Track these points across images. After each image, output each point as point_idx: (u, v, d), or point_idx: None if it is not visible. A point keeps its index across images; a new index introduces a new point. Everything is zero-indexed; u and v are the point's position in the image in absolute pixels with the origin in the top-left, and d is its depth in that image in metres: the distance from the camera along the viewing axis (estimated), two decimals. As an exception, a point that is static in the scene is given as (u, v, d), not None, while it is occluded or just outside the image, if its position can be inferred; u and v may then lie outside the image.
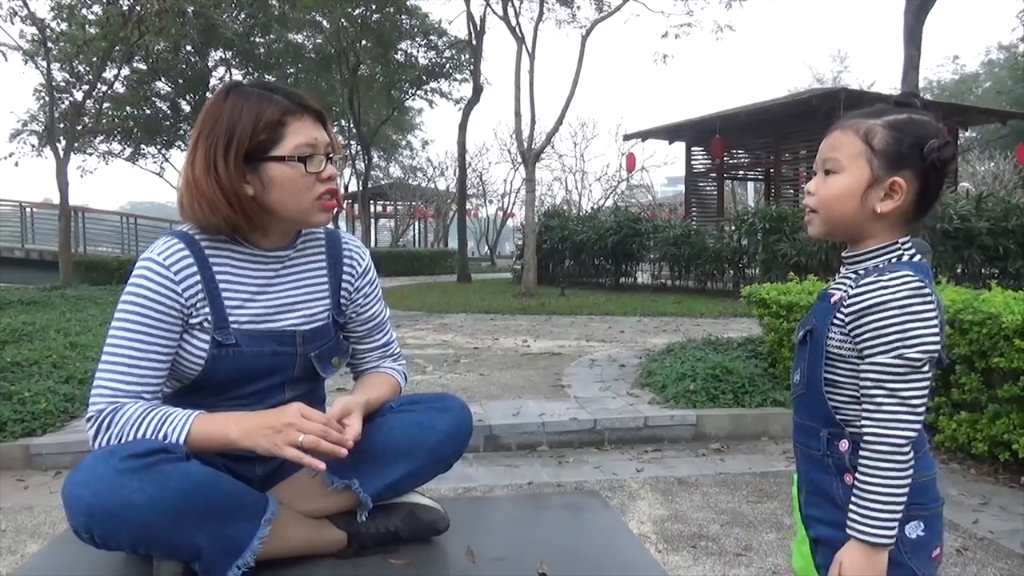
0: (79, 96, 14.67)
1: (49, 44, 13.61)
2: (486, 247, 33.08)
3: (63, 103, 14.97)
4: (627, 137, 16.96)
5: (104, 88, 15.46)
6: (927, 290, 1.05)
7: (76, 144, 15.80)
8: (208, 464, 1.21)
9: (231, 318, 1.29)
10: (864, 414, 1.06)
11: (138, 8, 12.80)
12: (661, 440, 4.08)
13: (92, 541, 1.14)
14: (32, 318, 7.12)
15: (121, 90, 17.69)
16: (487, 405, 4.41)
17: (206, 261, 1.29)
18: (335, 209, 1.38)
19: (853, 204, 1.10)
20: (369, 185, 24.78)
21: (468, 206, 22.84)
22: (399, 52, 20.28)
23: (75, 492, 1.11)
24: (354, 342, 1.52)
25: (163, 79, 18.91)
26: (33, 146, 18.19)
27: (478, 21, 15.77)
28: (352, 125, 22.24)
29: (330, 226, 1.45)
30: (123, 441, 1.20)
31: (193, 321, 1.27)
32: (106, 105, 17.07)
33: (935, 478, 1.13)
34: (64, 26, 14.14)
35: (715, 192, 15.83)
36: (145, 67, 17.03)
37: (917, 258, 1.10)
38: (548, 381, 5.19)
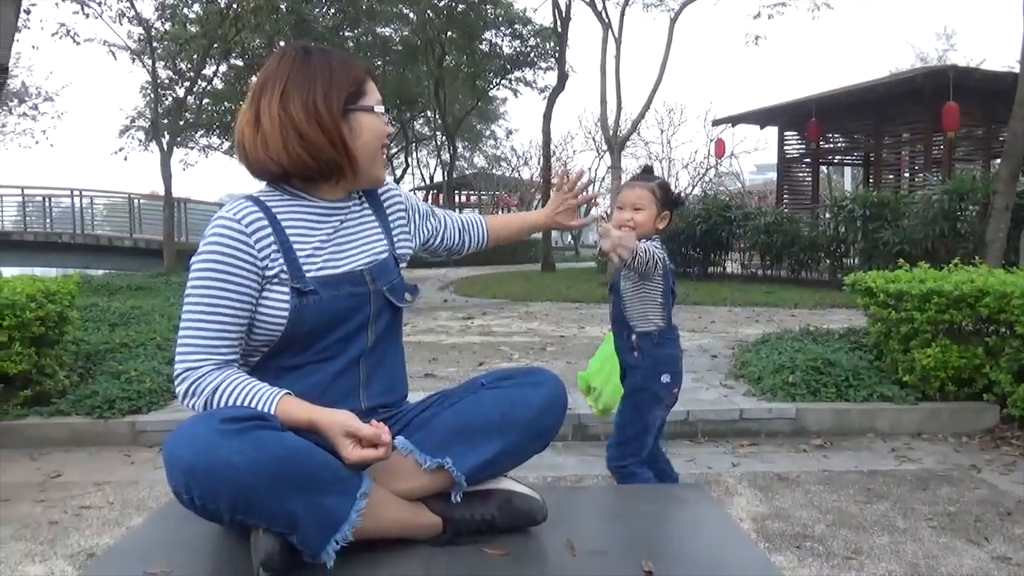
0: (181, 92, 15.34)
1: (154, 43, 14.28)
2: (569, 236, 32.87)
3: (167, 100, 15.70)
4: (716, 122, 16.42)
5: (204, 84, 16.11)
6: (653, 245, 2.20)
7: (178, 138, 16.54)
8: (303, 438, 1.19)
9: (305, 267, 1.32)
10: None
11: (235, 6, 13.26)
12: (757, 434, 3.90)
13: (192, 504, 1.14)
14: (139, 303, 7.49)
15: (220, 86, 18.39)
16: (575, 394, 4.31)
17: (275, 217, 1.32)
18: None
19: (651, 226, 2.24)
20: (454, 175, 24.99)
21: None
22: (484, 42, 20.27)
23: (176, 452, 1.12)
24: (448, 235, 1.68)
25: (258, 74, 19.56)
26: (140, 141, 19.15)
27: (563, 8, 15.60)
28: (437, 116, 22.47)
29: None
30: (211, 406, 1.24)
31: (270, 274, 1.29)
32: (206, 101, 17.78)
33: (677, 357, 2.34)
34: (167, 25, 14.81)
35: (809, 178, 15.14)
36: (242, 63, 17.63)
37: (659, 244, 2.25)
38: (637, 371, 5.06)
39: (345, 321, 1.34)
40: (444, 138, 23.14)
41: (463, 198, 32.79)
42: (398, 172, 30.31)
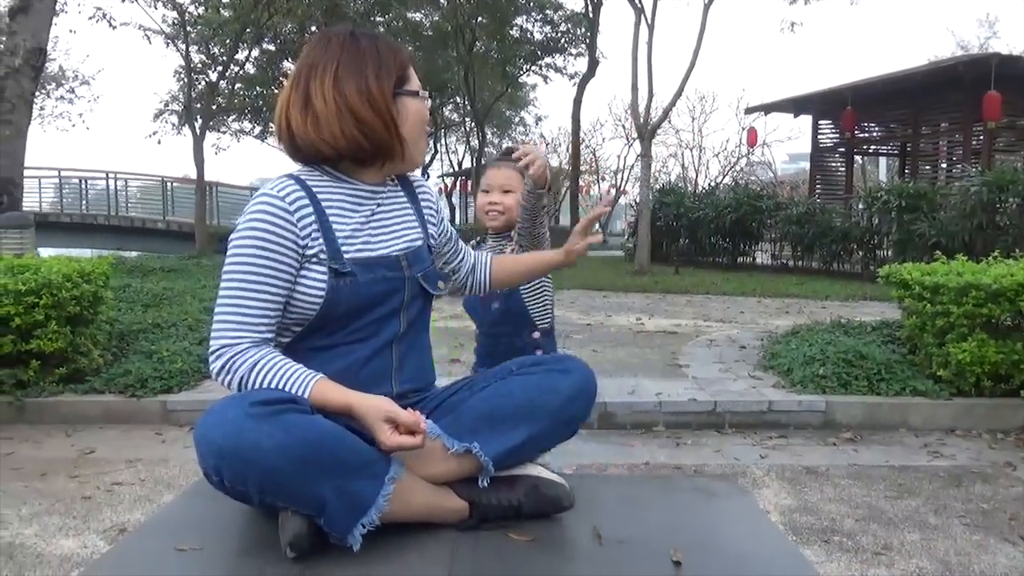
0: (214, 77, 15.48)
1: (187, 27, 14.41)
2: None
3: (200, 84, 15.85)
4: (749, 111, 16.19)
5: (236, 69, 16.24)
6: None
7: (211, 123, 16.70)
8: (333, 422, 1.20)
9: (343, 248, 1.32)
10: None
11: (267, -10, 13.33)
12: (786, 426, 3.86)
13: (221, 485, 1.15)
14: (171, 284, 7.60)
15: (252, 71, 18.52)
16: (601, 381, 4.29)
17: (315, 196, 1.32)
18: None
19: (519, 208, 1.99)
20: (482, 162, 24.96)
21: (580, 182, 22.62)
22: (514, 28, 20.17)
23: (207, 434, 1.14)
24: (456, 263, 1.62)
25: (290, 59, 19.66)
26: (173, 125, 19.35)
27: (595, -7, 15.44)
28: (467, 102, 22.42)
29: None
30: (246, 385, 1.24)
31: (309, 253, 1.29)
32: (238, 85, 17.92)
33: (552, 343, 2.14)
34: (201, 10, 14.94)
35: (843, 168, 14.88)
36: (273, 48, 17.74)
37: None
38: (664, 360, 5.03)
39: (379, 304, 1.34)
40: (473, 124, 23.10)
41: (491, 185, 32.69)
42: (427, 158, 30.40)
